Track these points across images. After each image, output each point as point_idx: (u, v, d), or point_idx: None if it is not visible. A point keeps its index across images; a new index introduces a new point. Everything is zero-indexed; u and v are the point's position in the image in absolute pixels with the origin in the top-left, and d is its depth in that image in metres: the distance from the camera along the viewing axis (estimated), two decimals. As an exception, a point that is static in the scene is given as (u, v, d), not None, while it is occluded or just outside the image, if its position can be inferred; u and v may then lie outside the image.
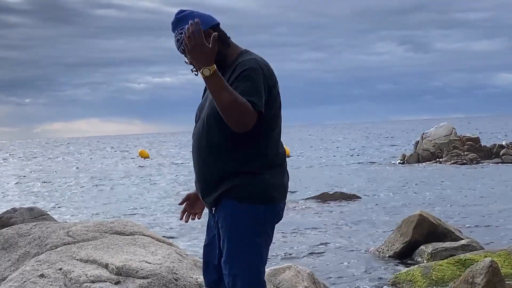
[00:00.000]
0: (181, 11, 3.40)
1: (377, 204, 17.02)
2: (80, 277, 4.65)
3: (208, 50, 3.09)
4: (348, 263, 9.95)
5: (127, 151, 71.58)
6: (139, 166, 41.37)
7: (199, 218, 3.62)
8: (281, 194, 3.32)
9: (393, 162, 33.30)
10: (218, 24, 3.38)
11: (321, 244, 11.66)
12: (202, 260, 3.49)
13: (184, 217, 3.61)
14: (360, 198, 18.52)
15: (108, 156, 60.75)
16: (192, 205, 3.60)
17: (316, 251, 11.01)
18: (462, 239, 9.61)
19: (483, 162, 29.32)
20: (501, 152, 30.47)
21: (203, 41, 3.09)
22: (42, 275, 4.69)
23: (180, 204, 3.61)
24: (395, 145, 52.44)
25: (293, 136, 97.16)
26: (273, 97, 3.27)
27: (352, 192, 19.84)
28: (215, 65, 3.09)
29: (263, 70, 3.24)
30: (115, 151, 73.99)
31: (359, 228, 13.23)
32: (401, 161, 32.66)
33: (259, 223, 3.25)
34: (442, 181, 22.25)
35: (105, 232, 5.57)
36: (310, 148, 55.60)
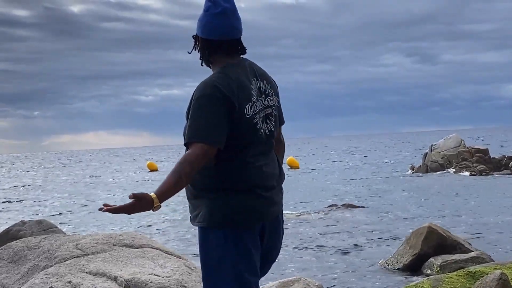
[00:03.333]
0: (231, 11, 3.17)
1: (385, 216, 16.98)
2: (89, 290, 4.65)
3: (139, 207, 2.97)
4: (357, 275, 9.92)
5: (136, 163, 71.69)
6: (148, 179, 41.44)
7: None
8: (245, 218, 3.09)
9: (401, 173, 33.25)
10: (209, 40, 3.17)
11: (330, 256, 11.64)
12: None
13: None
14: (369, 209, 18.49)
15: (116, 169, 60.87)
16: None
17: (325, 263, 10.98)
18: (472, 251, 9.57)
19: (493, 174, 29.24)
20: (511, 163, 30.39)
21: (129, 209, 2.95)
22: (51, 288, 4.70)
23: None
24: (403, 157, 52.33)
25: (302, 148, 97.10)
26: (236, 120, 3.05)
27: (361, 203, 19.82)
28: (154, 199, 2.97)
29: (217, 94, 3.01)
30: (123, 164, 74.14)
31: (368, 240, 13.19)
32: (410, 173, 32.64)
33: (217, 248, 3.12)
34: (451, 193, 22.20)
35: (114, 244, 5.57)
36: (319, 160, 55.57)
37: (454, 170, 30.40)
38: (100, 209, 2.95)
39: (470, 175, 28.77)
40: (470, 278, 7.07)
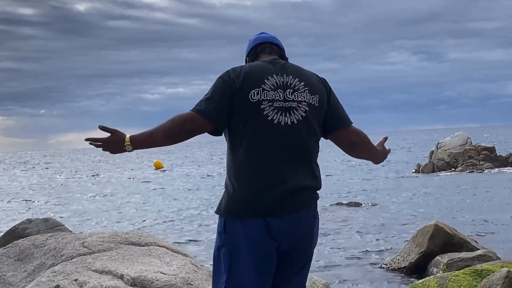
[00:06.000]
0: (265, 33, 3.60)
1: (392, 214, 16.95)
2: (96, 288, 4.66)
3: (112, 142, 3.19)
4: (363, 273, 9.91)
5: (142, 162, 71.78)
6: (154, 177, 41.48)
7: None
8: (239, 210, 3.18)
9: (408, 172, 33.18)
10: (251, 48, 3.51)
11: (336, 254, 11.63)
12: None
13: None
14: (375, 207, 18.47)
15: (122, 167, 60.96)
16: None
17: (331, 261, 10.97)
18: (478, 249, 9.55)
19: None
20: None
21: (105, 143, 3.19)
22: (57, 286, 4.70)
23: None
24: (409, 155, 52.24)
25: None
26: (238, 103, 3.21)
27: (367, 201, 19.81)
28: (126, 140, 3.18)
29: (225, 77, 3.25)
30: (128, 162, 74.20)
31: (374, 238, 13.18)
32: (416, 171, 32.55)
33: (220, 235, 3.25)
34: (457, 190, 22.16)
35: (120, 243, 5.58)
36: (325, 158, 55.50)
37: (460, 168, 30.33)
38: (87, 141, 3.23)
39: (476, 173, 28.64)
40: (477, 276, 7.06)
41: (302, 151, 3.27)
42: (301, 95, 3.29)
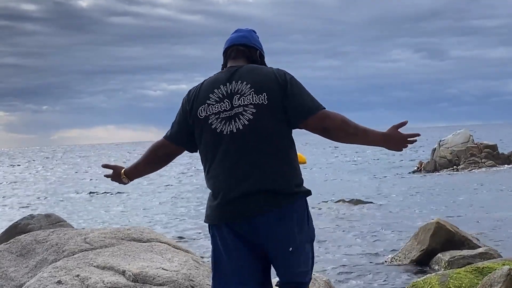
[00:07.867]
0: (239, 30, 3.65)
1: (393, 212, 16.95)
2: (97, 283, 4.66)
3: (114, 177, 3.79)
4: (365, 270, 9.91)
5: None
6: (157, 173, 41.47)
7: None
8: (208, 217, 3.41)
9: (410, 169, 33.16)
10: (223, 52, 3.57)
11: (337, 251, 11.63)
12: None
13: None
14: (377, 205, 18.46)
15: (125, 164, 60.94)
16: None
17: (332, 259, 10.97)
18: (480, 247, 9.54)
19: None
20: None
21: (111, 177, 3.82)
22: (59, 282, 4.70)
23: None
24: (411, 153, 52.20)
25: (310, 143, 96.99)
26: (192, 123, 3.41)
27: (369, 199, 19.79)
28: (122, 174, 3.73)
29: (183, 99, 3.48)
30: (129, 159, 74.27)
31: (376, 235, 13.18)
32: (418, 169, 32.51)
33: None
34: (459, 188, 22.14)
35: (122, 239, 5.58)
36: (327, 156, 55.50)
37: (462, 165, 30.30)
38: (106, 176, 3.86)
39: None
40: (478, 273, 7.05)
41: (250, 156, 3.27)
42: (247, 98, 3.28)
